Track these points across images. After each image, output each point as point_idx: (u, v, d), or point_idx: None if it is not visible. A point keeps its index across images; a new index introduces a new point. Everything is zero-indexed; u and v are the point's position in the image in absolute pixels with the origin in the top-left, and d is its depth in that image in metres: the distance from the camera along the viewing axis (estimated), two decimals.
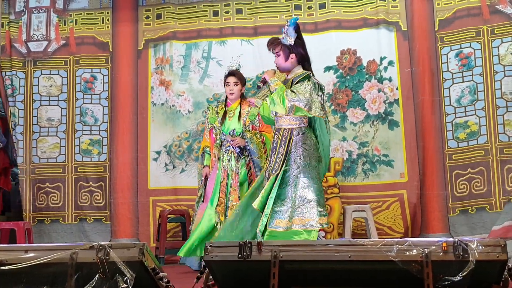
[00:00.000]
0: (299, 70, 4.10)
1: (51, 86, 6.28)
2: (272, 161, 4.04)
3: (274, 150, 4.07)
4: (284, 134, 4.05)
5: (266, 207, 3.91)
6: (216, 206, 4.75)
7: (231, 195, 4.74)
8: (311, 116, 4.01)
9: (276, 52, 4.14)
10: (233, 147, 4.79)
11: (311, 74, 4.04)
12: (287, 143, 4.02)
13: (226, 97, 4.97)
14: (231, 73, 4.96)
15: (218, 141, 4.85)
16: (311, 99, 3.92)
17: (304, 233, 3.88)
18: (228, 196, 4.76)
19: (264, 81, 4.13)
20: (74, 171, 6.14)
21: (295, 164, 3.96)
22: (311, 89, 3.94)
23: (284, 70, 4.16)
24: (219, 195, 4.76)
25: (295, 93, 3.92)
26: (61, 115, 6.24)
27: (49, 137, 6.20)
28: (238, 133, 4.80)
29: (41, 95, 6.27)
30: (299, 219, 3.89)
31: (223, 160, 4.79)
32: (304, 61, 4.11)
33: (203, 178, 4.84)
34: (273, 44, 4.16)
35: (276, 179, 3.95)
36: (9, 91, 6.29)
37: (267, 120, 4.34)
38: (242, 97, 4.89)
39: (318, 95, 3.96)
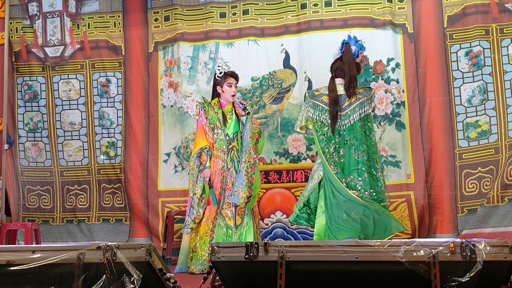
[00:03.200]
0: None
1: (70, 90, 6.40)
2: None
3: None
4: None
5: None
6: (222, 209, 4.73)
7: None
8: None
9: None
10: (240, 103, 4.85)
11: (308, 93, 4.83)
12: None
13: (218, 98, 4.92)
14: (234, 75, 4.92)
15: (222, 143, 4.80)
16: (302, 119, 4.67)
17: None
18: None
19: None
20: (97, 173, 6.27)
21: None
22: (302, 109, 4.73)
23: None
24: (225, 198, 4.74)
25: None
26: (82, 119, 6.37)
27: (73, 141, 6.36)
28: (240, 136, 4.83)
29: (62, 100, 6.40)
30: None
31: (228, 162, 4.78)
32: (351, 83, 4.64)
33: (207, 180, 4.74)
34: None
35: None
36: (26, 97, 6.43)
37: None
38: None
39: (309, 112, 4.60)
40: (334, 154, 4.47)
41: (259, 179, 4.93)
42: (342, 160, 4.47)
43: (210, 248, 4.55)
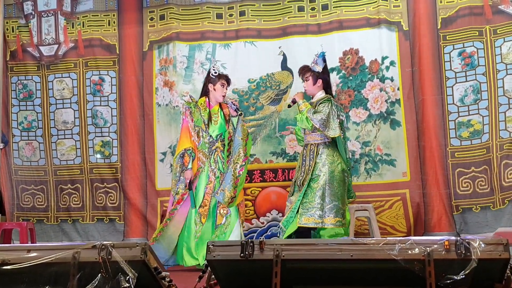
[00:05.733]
0: (322, 95, 4.71)
1: (63, 89, 6.41)
2: (303, 172, 4.63)
3: (304, 162, 4.67)
4: (311, 148, 4.66)
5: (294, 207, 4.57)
6: (199, 207, 4.75)
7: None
8: (329, 135, 4.55)
9: (306, 77, 4.77)
10: (232, 103, 4.87)
11: (332, 98, 4.66)
12: (314, 156, 4.61)
13: (206, 97, 4.92)
14: (227, 79, 4.97)
15: (205, 146, 4.81)
16: (328, 121, 4.51)
17: (336, 229, 4.54)
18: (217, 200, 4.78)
19: (294, 101, 4.77)
20: (90, 173, 6.28)
21: (322, 172, 4.54)
22: (331, 112, 4.53)
23: (310, 93, 4.80)
24: (204, 197, 4.77)
25: (317, 115, 4.53)
26: (74, 117, 6.37)
27: (66, 140, 6.37)
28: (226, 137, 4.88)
29: (56, 99, 6.42)
30: (329, 219, 4.48)
31: (211, 162, 4.81)
32: (327, 87, 4.76)
33: (187, 181, 4.76)
34: (304, 70, 4.81)
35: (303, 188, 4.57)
36: (21, 96, 6.43)
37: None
38: None
39: (337, 117, 4.55)
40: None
41: (243, 180, 4.92)
42: None
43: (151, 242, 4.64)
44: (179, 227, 4.81)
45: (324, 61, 4.74)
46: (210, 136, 4.85)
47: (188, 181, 4.75)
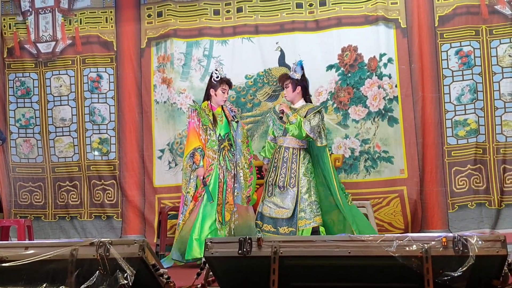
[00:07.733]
0: (303, 103, 4.96)
1: (61, 86, 6.39)
2: (285, 174, 4.84)
3: (285, 165, 4.86)
4: (294, 152, 4.88)
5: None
6: (217, 205, 4.85)
7: (228, 196, 4.90)
8: (318, 144, 4.82)
9: (286, 84, 5.00)
10: (230, 109, 5.01)
11: (321, 109, 4.93)
12: (298, 160, 4.85)
13: (208, 101, 5.02)
14: (229, 83, 5.08)
15: (214, 143, 4.91)
16: (319, 131, 4.79)
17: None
18: (224, 197, 4.89)
19: (283, 112, 4.91)
20: (87, 170, 6.26)
21: (305, 177, 4.81)
22: (321, 123, 4.82)
23: (290, 99, 5.02)
24: (218, 195, 4.87)
25: (310, 126, 4.75)
26: (72, 115, 6.35)
27: (64, 137, 6.35)
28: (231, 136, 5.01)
29: (53, 96, 6.40)
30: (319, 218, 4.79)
31: (220, 160, 4.90)
32: (306, 94, 5.01)
33: (200, 178, 4.83)
34: (283, 78, 5.06)
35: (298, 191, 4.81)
36: (18, 93, 6.42)
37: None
38: None
39: (323, 125, 4.86)
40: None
41: (255, 178, 5.13)
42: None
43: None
44: (191, 226, 4.88)
45: (302, 69, 4.96)
46: (219, 134, 4.96)
47: (201, 177, 4.83)
